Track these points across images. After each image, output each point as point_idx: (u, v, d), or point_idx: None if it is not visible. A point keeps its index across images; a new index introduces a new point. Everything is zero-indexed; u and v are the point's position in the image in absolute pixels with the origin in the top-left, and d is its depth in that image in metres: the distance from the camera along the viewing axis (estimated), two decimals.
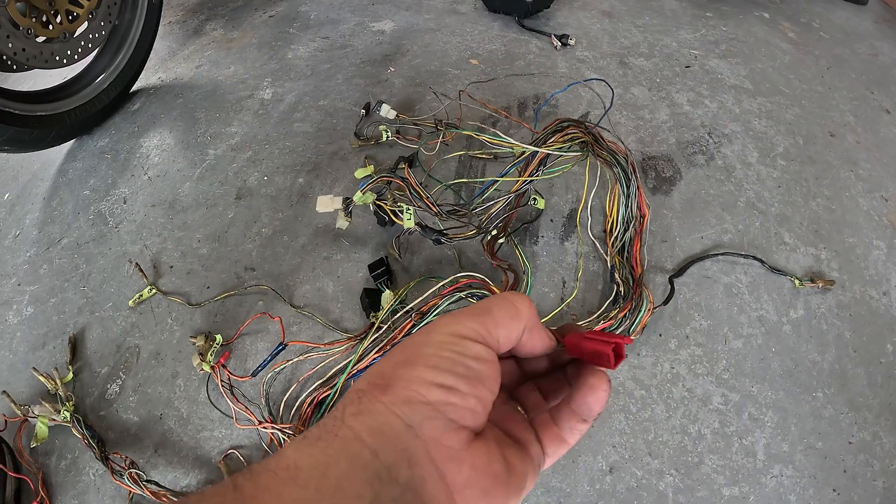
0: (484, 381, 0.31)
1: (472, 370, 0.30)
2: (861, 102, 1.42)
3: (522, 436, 0.34)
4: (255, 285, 1.01)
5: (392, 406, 0.29)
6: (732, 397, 0.88)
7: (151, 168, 1.25)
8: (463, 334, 0.32)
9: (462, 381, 0.30)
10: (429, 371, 0.30)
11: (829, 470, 0.82)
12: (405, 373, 0.30)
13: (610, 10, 1.70)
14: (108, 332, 0.99)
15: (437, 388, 0.29)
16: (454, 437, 0.29)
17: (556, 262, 1.02)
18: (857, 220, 1.12)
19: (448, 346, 0.31)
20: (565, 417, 0.35)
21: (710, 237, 1.07)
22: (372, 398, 0.29)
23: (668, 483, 0.81)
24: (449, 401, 0.29)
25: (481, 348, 0.31)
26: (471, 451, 0.30)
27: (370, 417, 0.28)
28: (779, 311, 0.97)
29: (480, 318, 0.33)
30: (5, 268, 1.12)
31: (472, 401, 0.30)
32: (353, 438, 0.28)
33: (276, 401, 0.89)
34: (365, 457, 0.27)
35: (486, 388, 0.31)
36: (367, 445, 0.27)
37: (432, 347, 0.31)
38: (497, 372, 0.32)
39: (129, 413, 0.90)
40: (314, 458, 0.27)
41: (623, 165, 0.99)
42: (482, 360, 0.31)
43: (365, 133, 1.26)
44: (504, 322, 0.33)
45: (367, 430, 0.28)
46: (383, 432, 0.28)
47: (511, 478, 0.30)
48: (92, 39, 1.24)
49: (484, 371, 0.31)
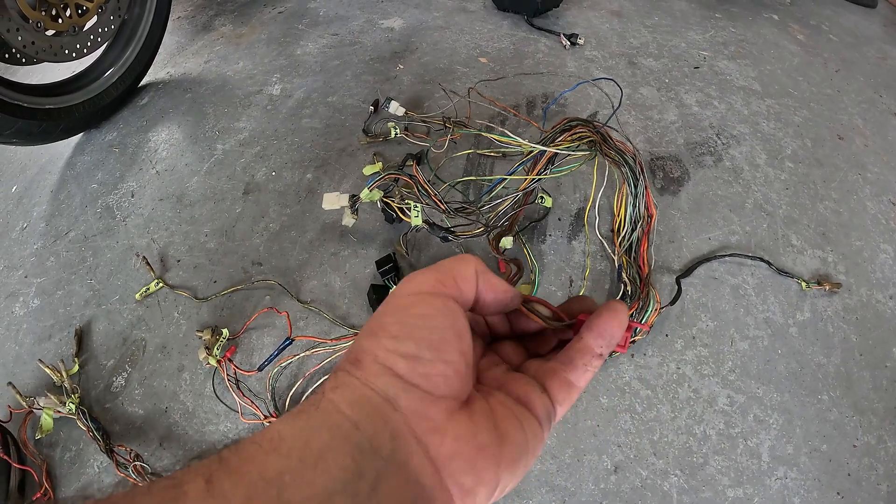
0: (451, 341, 0.30)
1: (436, 330, 0.30)
2: (870, 106, 1.41)
3: (525, 391, 0.33)
4: (263, 280, 1.02)
5: (365, 380, 0.29)
6: (738, 399, 0.88)
7: (159, 162, 1.26)
8: (421, 290, 0.31)
9: (425, 347, 0.29)
10: (391, 341, 0.29)
11: (833, 473, 0.82)
12: (370, 345, 0.30)
13: (619, 10, 1.70)
14: (114, 325, 0.99)
15: (401, 358, 0.29)
16: (433, 409, 0.29)
17: (564, 261, 1.02)
18: (865, 224, 1.12)
19: (408, 308, 0.30)
20: (578, 355, 0.33)
21: (717, 238, 1.06)
22: (346, 373, 0.29)
23: (673, 483, 0.80)
24: (417, 370, 0.28)
25: (441, 301, 0.31)
26: (453, 422, 0.29)
27: (348, 391, 0.28)
28: (785, 314, 0.97)
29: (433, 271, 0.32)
30: (13, 260, 1.13)
31: (440, 366, 0.29)
32: (334, 410, 0.27)
33: (281, 395, 0.89)
34: (346, 428, 0.27)
35: (454, 348, 0.30)
36: (348, 417, 0.27)
37: (394, 314, 0.31)
38: (464, 326, 0.31)
39: (135, 406, 0.90)
40: (297, 430, 0.26)
41: (631, 165, 0.99)
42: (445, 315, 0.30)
43: (373, 130, 1.26)
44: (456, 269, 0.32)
45: (347, 402, 0.28)
46: (362, 405, 0.28)
47: (503, 447, 0.29)
48: (101, 33, 1.25)
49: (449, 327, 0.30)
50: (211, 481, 0.24)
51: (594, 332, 0.33)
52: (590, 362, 0.33)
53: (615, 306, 0.33)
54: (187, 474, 0.24)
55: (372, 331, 0.30)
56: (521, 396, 0.32)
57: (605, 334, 0.33)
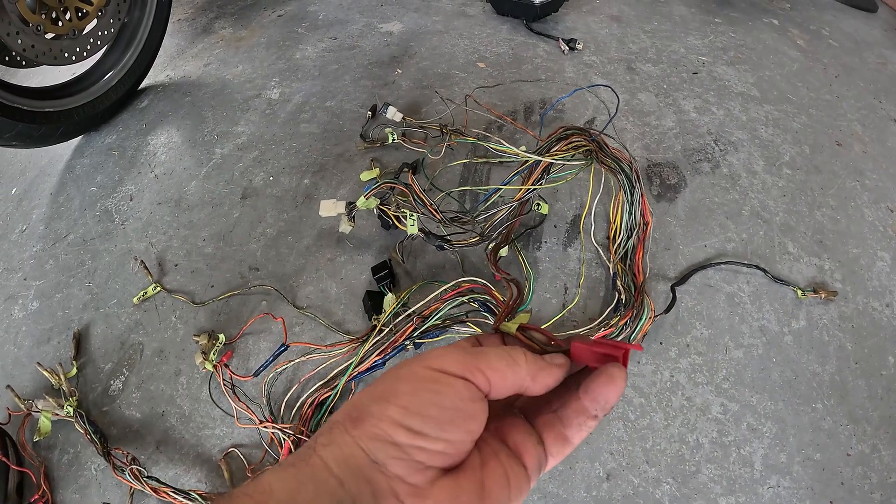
0: (459, 423, 0.30)
1: (447, 412, 0.30)
2: (869, 112, 1.41)
3: (520, 440, 0.33)
4: (259, 285, 1.02)
5: (359, 440, 0.29)
6: (731, 407, 0.88)
7: (158, 166, 1.26)
8: (446, 370, 0.31)
9: (431, 425, 0.29)
10: (399, 411, 0.30)
11: (826, 482, 0.82)
12: (377, 409, 0.30)
13: (618, 15, 1.70)
14: (112, 329, 1.00)
15: (404, 430, 0.29)
16: (419, 476, 0.29)
17: (559, 268, 1.03)
18: (862, 231, 1.12)
19: (426, 382, 0.31)
20: (574, 414, 0.34)
21: (713, 246, 1.07)
22: (342, 430, 0.30)
23: (665, 491, 0.81)
24: (415, 444, 0.29)
25: (463, 385, 0.31)
26: (437, 487, 0.29)
27: (338, 448, 0.29)
28: (780, 322, 0.97)
29: (471, 355, 0.32)
30: (11, 262, 1.13)
31: (440, 445, 0.29)
32: (322, 467, 0.29)
33: (277, 401, 0.89)
34: (331, 485, 0.28)
35: (461, 429, 0.30)
36: (334, 475, 0.28)
37: (410, 383, 0.31)
38: (481, 412, 0.31)
39: (132, 409, 0.91)
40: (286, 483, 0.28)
41: (627, 173, 1.00)
42: (462, 399, 0.30)
43: (371, 135, 1.27)
44: (498, 367, 0.32)
45: (335, 460, 0.29)
46: (349, 464, 0.29)
47: None
48: (101, 37, 1.25)
49: (462, 410, 0.30)
50: None
51: (590, 396, 0.33)
52: (585, 423, 0.34)
53: (612, 372, 0.33)
54: None
55: (382, 395, 0.31)
56: (517, 446, 0.33)
57: (601, 399, 0.33)
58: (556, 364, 0.34)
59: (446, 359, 0.32)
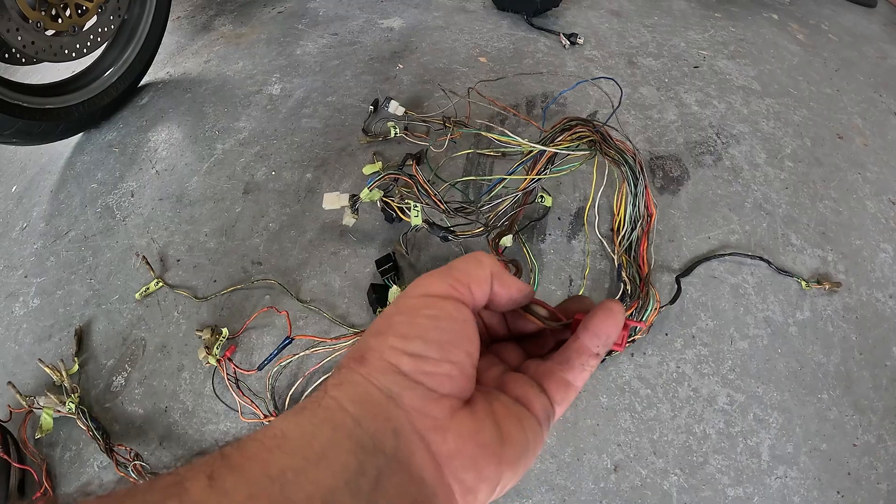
0: (459, 343, 0.30)
1: (445, 332, 0.30)
2: (869, 105, 1.42)
3: (524, 391, 0.33)
4: (262, 279, 1.02)
5: (369, 377, 0.29)
6: (738, 398, 0.88)
7: (159, 162, 1.26)
8: (433, 293, 0.31)
9: (433, 347, 0.29)
10: (399, 340, 0.29)
11: (833, 472, 0.82)
12: (377, 343, 0.30)
13: (619, 10, 1.70)
14: (114, 325, 0.99)
15: (407, 356, 0.29)
16: (436, 407, 0.29)
17: (563, 260, 1.02)
18: (865, 223, 1.12)
19: (419, 309, 0.31)
20: (575, 355, 0.33)
21: (717, 237, 1.06)
22: (350, 370, 0.29)
23: (673, 482, 0.81)
24: (422, 369, 0.29)
25: (453, 305, 0.31)
26: (456, 420, 0.29)
27: (351, 387, 0.29)
28: (785, 313, 0.97)
29: (447, 274, 0.32)
30: (12, 259, 1.13)
31: (445, 366, 0.29)
32: (337, 407, 0.28)
33: (281, 395, 0.89)
34: (348, 425, 0.27)
35: (461, 349, 0.30)
36: (350, 414, 0.27)
37: (403, 314, 0.31)
38: (473, 329, 0.31)
39: (135, 405, 0.90)
40: (300, 427, 0.27)
41: (631, 165, 0.99)
42: (455, 319, 0.31)
43: (373, 129, 1.26)
44: (471, 271, 0.32)
45: (349, 399, 0.28)
46: (364, 402, 0.28)
47: (504, 447, 0.30)
48: (101, 33, 1.25)
49: (458, 330, 0.30)
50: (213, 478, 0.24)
51: (590, 332, 0.33)
52: (587, 362, 0.33)
53: (610, 305, 0.33)
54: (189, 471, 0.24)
55: (379, 329, 0.31)
56: (521, 396, 0.32)
57: (601, 334, 0.33)
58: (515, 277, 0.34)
59: (430, 282, 0.32)
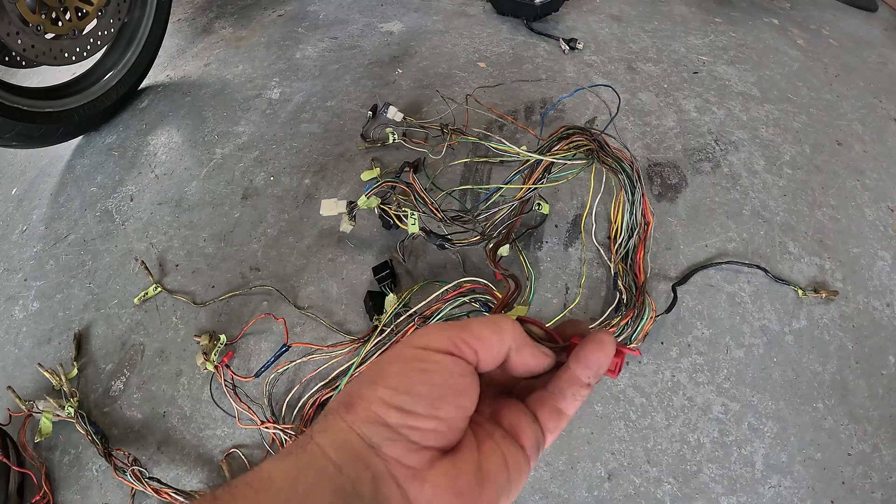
0: (449, 398, 0.30)
1: (436, 387, 0.30)
2: (869, 111, 1.41)
3: (515, 420, 0.33)
4: (260, 285, 1.02)
5: (353, 425, 0.30)
6: (733, 407, 0.88)
7: (158, 166, 1.26)
8: (431, 346, 0.31)
9: (421, 402, 0.29)
10: (388, 392, 0.30)
11: (827, 481, 0.82)
12: (367, 392, 0.30)
13: (619, 15, 1.70)
14: (113, 329, 1.00)
15: (394, 410, 0.29)
16: (415, 458, 0.29)
17: (560, 268, 1.03)
18: (863, 231, 1.12)
19: (414, 361, 0.31)
20: (566, 384, 0.34)
21: (714, 245, 1.07)
22: (336, 416, 0.30)
23: (666, 491, 0.81)
24: (407, 423, 0.29)
25: (451, 361, 0.31)
26: (434, 469, 0.30)
27: (334, 434, 0.30)
28: (781, 321, 0.97)
29: (455, 329, 0.32)
30: (12, 263, 1.13)
31: (432, 422, 0.30)
32: (320, 454, 0.29)
33: (278, 401, 0.89)
34: (330, 470, 0.28)
35: (451, 404, 0.30)
36: (332, 460, 0.28)
37: (397, 364, 0.31)
38: (472, 386, 0.31)
39: (133, 410, 0.91)
40: (285, 471, 0.28)
41: (628, 172, 0.99)
42: (450, 373, 0.31)
43: (372, 135, 1.27)
44: (484, 336, 0.32)
45: (332, 445, 0.29)
46: (346, 449, 0.29)
47: (483, 489, 0.30)
48: (101, 37, 1.25)
49: (452, 386, 0.30)
50: None
51: (581, 364, 0.33)
52: (578, 392, 0.34)
53: (601, 337, 0.33)
54: None
55: (372, 378, 0.31)
56: (512, 426, 0.33)
57: (592, 365, 0.33)
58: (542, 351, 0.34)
59: (431, 336, 0.32)
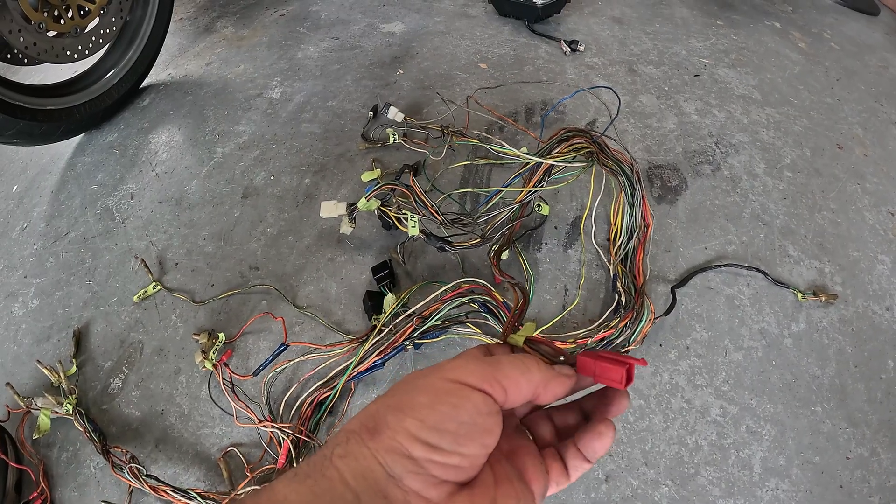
0: (475, 437, 0.30)
1: (464, 426, 0.30)
2: (870, 115, 1.41)
3: (530, 466, 0.35)
4: (260, 285, 1.02)
5: (376, 452, 0.29)
6: (731, 409, 0.88)
7: (159, 164, 1.26)
8: (465, 381, 0.31)
9: (448, 439, 0.30)
10: (416, 424, 0.30)
11: (825, 485, 0.82)
12: (394, 420, 0.30)
13: (620, 17, 1.70)
14: (112, 327, 1.00)
15: (420, 444, 0.29)
16: (434, 491, 0.30)
17: (559, 270, 1.03)
18: (863, 234, 1.12)
19: (445, 395, 0.31)
20: (571, 455, 0.36)
21: (713, 248, 1.07)
22: (359, 441, 0.30)
23: (664, 494, 0.81)
24: (431, 458, 0.29)
25: (481, 399, 0.31)
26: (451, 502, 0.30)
27: (355, 461, 0.29)
28: (780, 324, 0.97)
29: (489, 367, 0.32)
30: (12, 260, 1.13)
31: (455, 459, 0.30)
32: (339, 480, 0.29)
33: (276, 400, 0.89)
34: (348, 499, 0.28)
35: (477, 443, 0.31)
36: (351, 488, 0.28)
37: (428, 395, 0.31)
38: (496, 425, 0.32)
39: (131, 408, 0.91)
40: (302, 496, 0.28)
41: (628, 174, 0.99)
42: (479, 412, 0.31)
43: (372, 135, 1.27)
44: (513, 376, 0.33)
45: (352, 473, 0.29)
46: (366, 477, 0.29)
47: None
48: (103, 35, 1.25)
49: (479, 424, 0.31)
50: None
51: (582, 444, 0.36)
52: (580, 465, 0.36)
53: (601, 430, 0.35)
54: None
55: (400, 406, 0.31)
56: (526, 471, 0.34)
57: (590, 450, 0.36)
58: (564, 374, 0.35)
59: (465, 370, 0.32)
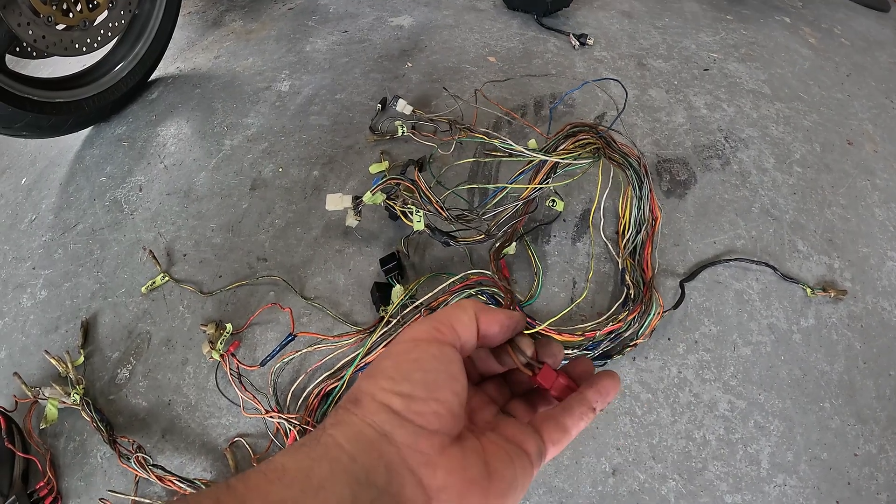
0: (444, 382, 0.33)
1: (429, 372, 0.32)
2: (880, 111, 1.40)
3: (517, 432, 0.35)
4: (267, 276, 1.02)
5: (364, 417, 0.31)
6: (739, 404, 0.88)
7: (168, 157, 1.27)
8: (417, 337, 0.34)
9: (419, 387, 0.32)
10: (388, 381, 0.32)
11: (832, 481, 0.82)
12: (369, 386, 0.32)
13: (630, 11, 1.69)
14: (120, 318, 1.00)
15: (397, 396, 0.31)
16: (426, 443, 0.31)
17: (568, 263, 1.02)
18: (873, 231, 1.11)
19: (405, 353, 0.34)
20: (576, 403, 0.36)
21: (722, 242, 1.06)
22: (346, 411, 0.32)
23: (671, 488, 0.80)
24: (412, 408, 0.31)
25: (437, 348, 0.34)
26: (445, 455, 0.31)
27: (346, 427, 0.31)
28: (789, 320, 0.97)
29: (432, 320, 0.35)
30: (21, 251, 1.14)
31: (433, 404, 0.32)
32: (334, 444, 0.30)
33: (283, 391, 0.89)
34: (344, 461, 0.29)
35: (447, 388, 0.32)
36: (346, 451, 0.30)
37: (391, 358, 0.34)
38: (458, 369, 0.34)
39: (138, 398, 0.91)
40: (299, 462, 0.29)
41: (635, 168, 0.99)
42: (438, 359, 0.33)
43: (380, 128, 1.27)
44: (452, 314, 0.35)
45: (345, 437, 0.30)
46: (359, 440, 0.30)
47: (492, 481, 0.32)
48: (111, 28, 1.25)
49: (443, 370, 0.33)
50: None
51: (595, 388, 0.37)
52: (585, 413, 0.36)
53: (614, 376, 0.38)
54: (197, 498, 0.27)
55: (371, 374, 0.34)
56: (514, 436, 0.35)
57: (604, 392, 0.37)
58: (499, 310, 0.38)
59: (415, 330, 0.35)
